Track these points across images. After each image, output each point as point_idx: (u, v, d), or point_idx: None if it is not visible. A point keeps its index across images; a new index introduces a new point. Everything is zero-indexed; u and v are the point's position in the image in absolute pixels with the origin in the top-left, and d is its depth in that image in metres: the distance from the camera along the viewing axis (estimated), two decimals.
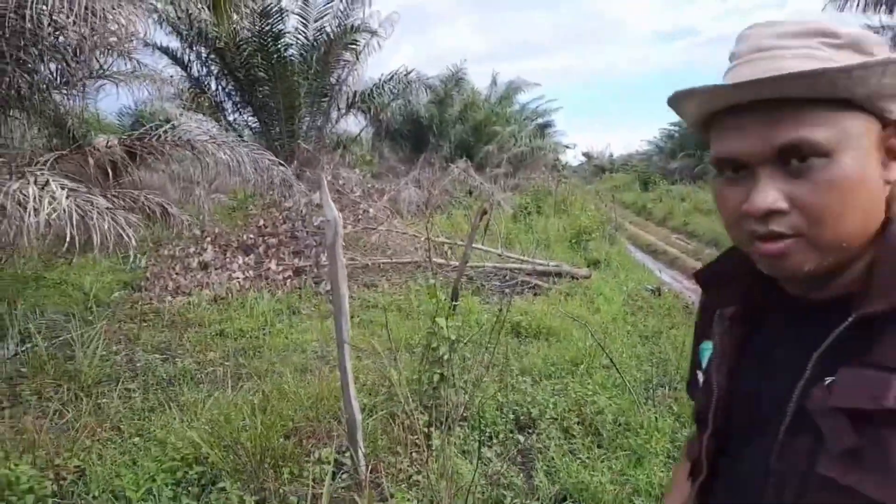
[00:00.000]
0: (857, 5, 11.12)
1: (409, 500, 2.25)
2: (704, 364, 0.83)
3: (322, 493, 2.42)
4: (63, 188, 2.96)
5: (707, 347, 0.84)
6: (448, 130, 18.66)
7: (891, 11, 10.89)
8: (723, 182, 0.72)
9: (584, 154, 59.03)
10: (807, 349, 0.68)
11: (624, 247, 14.50)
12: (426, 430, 3.28)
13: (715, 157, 0.72)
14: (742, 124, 0.68)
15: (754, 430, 0.73)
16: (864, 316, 0.65)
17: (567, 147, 36.03)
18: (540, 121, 28.89)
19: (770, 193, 0.66)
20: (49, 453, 3.41)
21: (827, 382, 0.65)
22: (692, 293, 9.71)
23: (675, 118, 36.07)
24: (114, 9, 3.91)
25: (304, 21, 11.06)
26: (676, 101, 0.74)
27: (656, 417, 3.77)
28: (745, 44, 0.71)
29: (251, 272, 8.49)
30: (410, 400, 3.36)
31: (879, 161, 0.68)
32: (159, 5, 5.61)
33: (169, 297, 7.66)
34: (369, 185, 11.31)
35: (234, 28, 9.77)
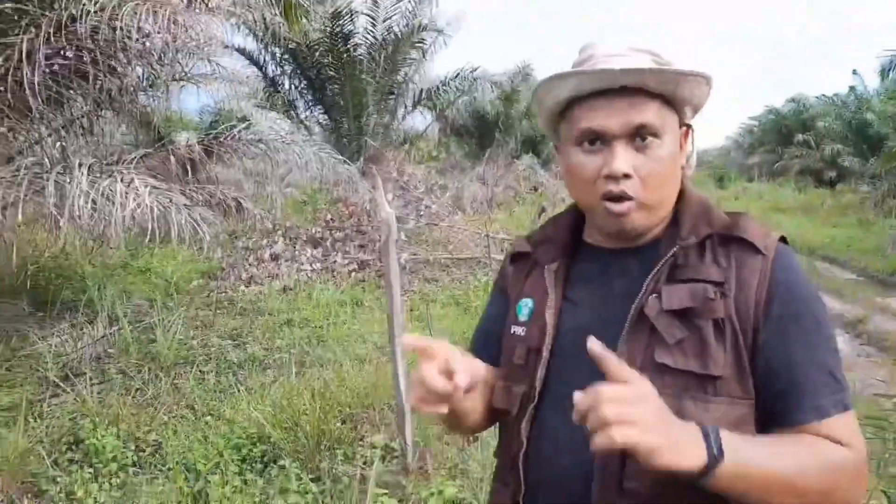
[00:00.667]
0: None
1: (451, 485, 2.38)
2: (525, 316, 1.01)
3: (370, 475, 2.58)
4: (146, 185, 3.26)
5: (526, 303, 1.02)
6: (514, 126, 18.63)
7: None
8: (582, 152, 0.92)
9: None
10: (632, 281, 0.91)
11: None
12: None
13: (580, 130, 0.91)
14: (608, 105, 0.89)
15: (587, 354, 0.84)
16: (683, 247, 0.90)
17: None
18: None
19: (624, 160, 0.88)
20: (130, 427, 3.74)
21: (655, 296, 0.88)
22: None
23: (756, 112, 34.39)
24: (193, 17, 4.20)
25: (373, 21, 11.34)
26: (552, 81, 0.92)
27: None
28: (601, 49, 0.93)
29: (318, 264, 8.84)
30: None
31: (679, 149, 0.94)
32: (237, 10, 5.95)
33: (242, 287, 8.10)
34: (433, 182, 11.51)
35: (306, 29, 10.15)
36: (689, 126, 0.97)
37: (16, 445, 3.41)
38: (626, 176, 0.88)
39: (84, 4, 3.23)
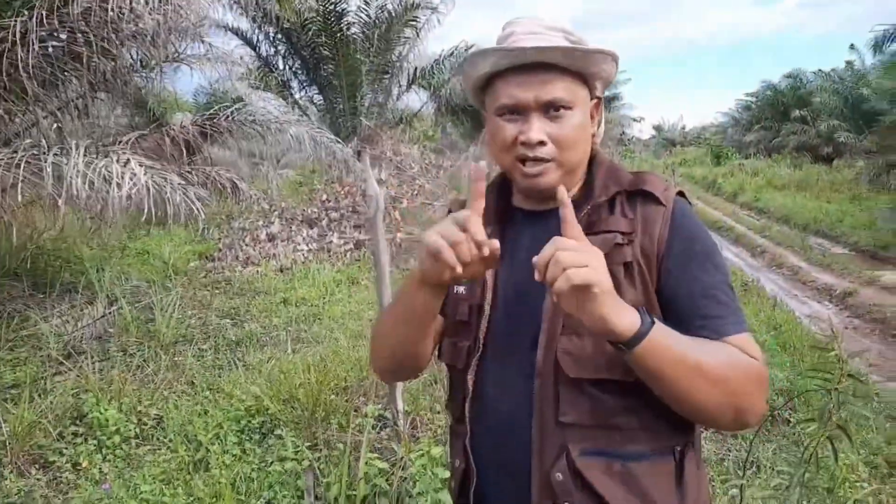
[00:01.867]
0: None
1: (437, 447, 2.49)
2: None
3: (363, 441, 2.70)
4: (141, 165, 3.33)
5: None
6: None
7: None
8: (502, 121, 1.03)
9: (655, 127, 57.18)
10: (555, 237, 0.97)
11: None
12: None
13: (499, 104, 1.02)
14: (523, 81, 1.00)
15: (523, 304, 1.03)
16: (594, 205, 1.03)
17: (634, 120, 35.08)
18: (606, 93, 28.23)
19: (538, 130, 0.99)
20: (132, 401, 3.86)
21: None
22: (753, 270, 9.50)
23: (752, 88, 34.19)
24: None
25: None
26: (476, 58, 1.04)
27: None
28: (520, 27, 1.04)
29: (314, 244, 8.94)
30: None
31: (589, 119, 1.07)
32: None
33: (239, 267, 8.20)
34: (429, 161, 11.55)
35: (300, 9, 10.12)
36: (599, 98, 1.09)
37: (22, 419, 3.53)
38: (541, 143, 1.00)
39: None
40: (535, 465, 0.98)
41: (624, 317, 0.85)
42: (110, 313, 5.57)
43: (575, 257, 0.82)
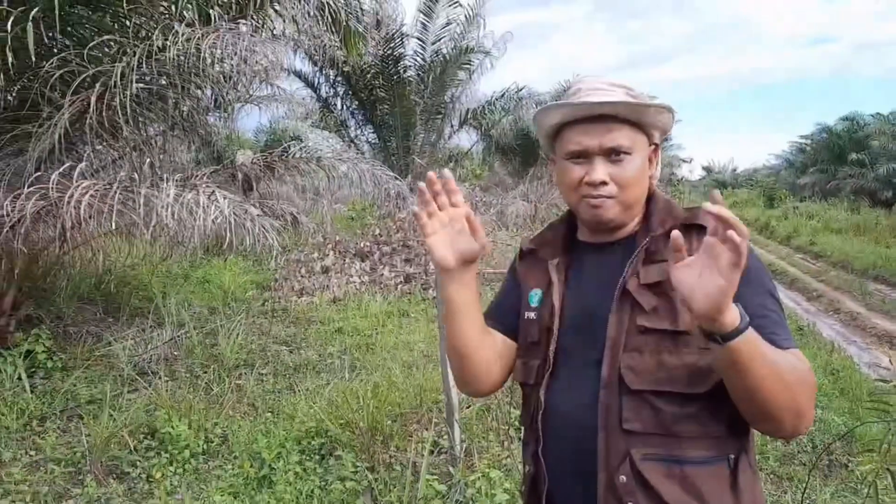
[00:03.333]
0: None
1: (495, 471, 2.59)
2: (536, 303, 1.27)
3: (422, 463, 2.82)
4: (225, 198, 3.61)
5: (535, 293, 1.26)
6: None
7: None
8: (570, 164, 1.19)
9: (704, 168, 56.41)
10: (616, 267, 1.17)
11: None
12: (516, 423, 3.60)
13: (569, 150, 1.19)
14: (590, 130, 1.16)
15: (588, 326, 1.17)
16: (654, 237, 1.16)
17: (684, 161, 34.75)
18: None
19: (602, 172, 1.15)
20: (200, 419, 4.08)
21: (635, 275, 1.14)
22: (810, 315, 9.27)
23: (807, 131, 33.52)
24: (264, 44, 4.59)
25: (423, 44, 11.77)
26: (546, 111, 1.21)
27: None
28: (586, 84, 1.22)
29: (366, 277, 9.18)
30: (504, 395, 3.70)
31: (647, 162, 1.21)
32: (297, 36, 6.38)
33: (294, 297, 8.48)
34: (477, 199, 11.77)
35: (360, 53, 10.63)
36: (657, 145, 1.24)
37: (100, 433, 3.78)
38: (604, 183, 1.16)
39: (174, 36, 3.63)
40: (601, 469, 1.10)
41: (731, 314, 0.94)
42: (178, 337, 5.87)
43: (744, 228, 0.92)
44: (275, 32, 5.23)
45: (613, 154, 1.15)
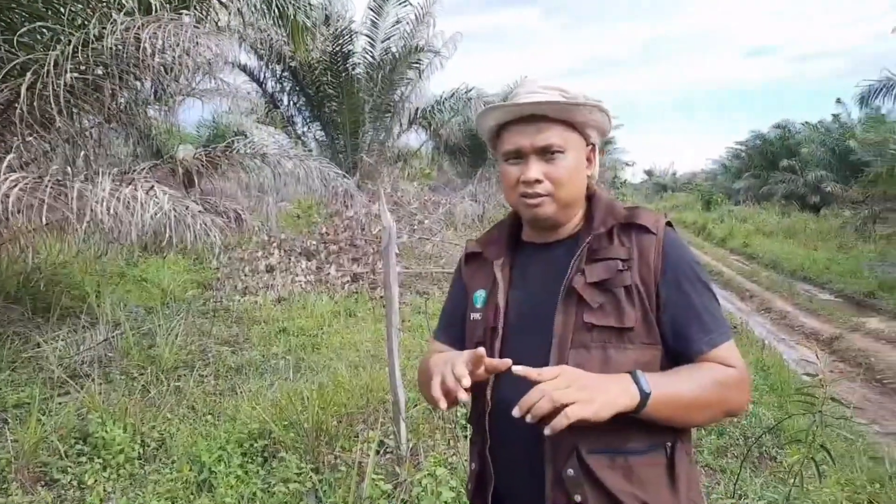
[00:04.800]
0: None
1: (442, 469, 2.60)
2: (480, 304, 1.30)
3: (367, 463, 2.80)
4: (165, 193, 3.49)
5: (480, 294, 1.29)
6: None
7: None
8: (508, 165, 1.24)
9: (646, 172, 58.09)
10: (560, 266, 1.21)
11: None
12: (462, 421, 3.62)
13: (505, 150, 1.24)
14: (522, 131, 1.21)
15: (534, 325, 1.18)
16: (596, 235, 1.20)
17: (627, 164, 35.72)
18: None
19: (535, 170, 1.19)
20: (136, 423, 3.93)
21: (580, 273, 1.18)
22: (743, 314, 9.67)
23: (743, 137, 34.92)
24: (208, 36, 4.46)
25: (372, 42, 11.68)
26: (486, 113, 1.25)
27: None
28: (523, 88, 1.26)
29: (312, 276, 9.05)
30: None
31: (584, 162, 1.26)
32: (246, 31, 6.22)
33: (238, 297, 8.28)
34: (426, 198, 11.78)
35: (308, 49, 10.47)
36: (594, 145, 1.28)
37: (28, 438, 3.59)
38: (538, 181, 1.20)
39: (112, 25, 3.48)
40: (548, 464, 1.13)
41: (623, 400, 1.03)
42: (112, 337, 5.65)
43: (562, 396, 1.00)
44: (219, 24, 5.09)
45: (546, 153, 1.19)
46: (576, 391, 1.00)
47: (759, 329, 8.44)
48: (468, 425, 1.35)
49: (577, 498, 1.11)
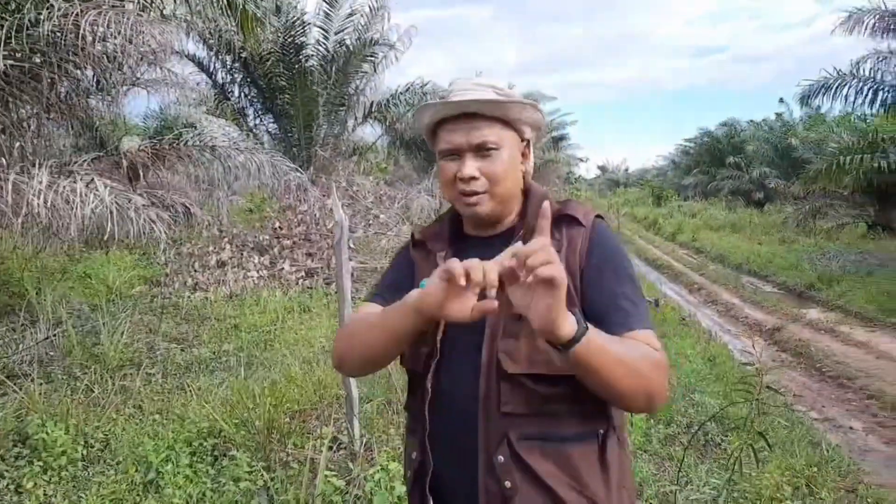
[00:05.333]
0: (865, 30, 11.34)
1: (395, 463, 2.59)
2: None
3: (320, 460, 2.77)
4: (106, 186, 3.36)
5: (424, 283, 1.24)
6: None
7: None
8: (444, 162, 1.25)
9: (600, 167, 59.12)
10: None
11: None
12: None
13: (441, 147, 1.25)
14: (458, 128, 1.22)
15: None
16: (529, 228, 1.19)
17: (581, 160, 36.24)
18: (554, 134, 29.24)
19: (471, 167, 1.21)
20: (79, 423, 3.79)
21: None
22: (691, 306, 9.96)
23: (691, 134, 35.86)
24: (151, 24, 4.32)
25: (325, 34, 11.52)
26: (421, 110, 1.26)
27: (632, 415, 4.08)
28: (457, 85, 1.26)
29: (265, 272, 8.89)
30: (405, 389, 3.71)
31: (520, 157, 1.27)
32: (190, 18, 6.04)
33: (187, 293, 8.08)
34: (382, 192, 11.71)
35: (259, 39, 10.25)
36: (528, 141, 1.29)
37: None
38: (474, 178, 1.21)
39: (48, 10, 3.33)
40: (480, 451, 1.16)
41: (567, 321, 1.00)
42: (54, 336, 5.43)
43: (547, 255, 0.96)
44: (165, 13, 4.93)
45: (482, 150, 1.21)
46: (558, 262, 0.97)
47: (706, 321, 8.71)
48: (406, 420, 1.35)
49: (508, 484, 1.13)
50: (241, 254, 9.28)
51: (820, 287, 10.20)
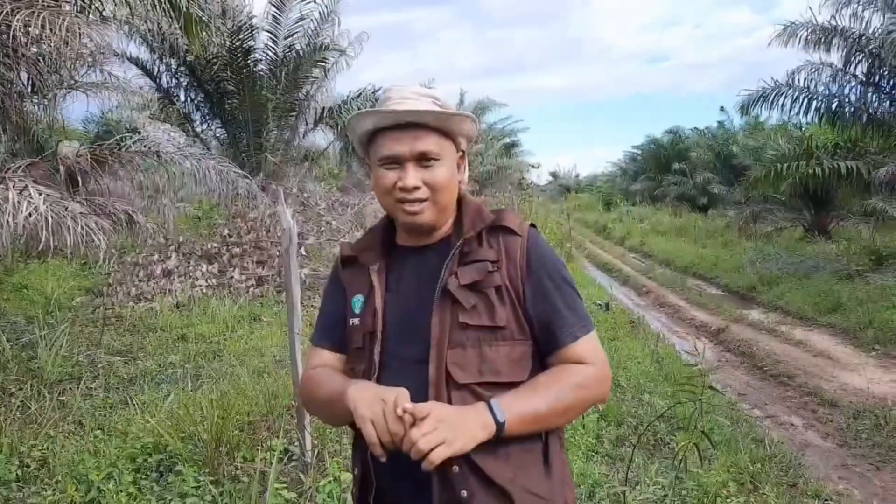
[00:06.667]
0: (799, 42, 11.85)
1: (347, 473, 2.55)
2: (358, 309, 1.30)
3: (270, 472, 2.71)
4: (41, 194, 3.21)
5: (358, 299, 1.30)
6: None
7: (828, 50, 11.64)
8: (384, 169, 1.24)
9: (551, 174, 59.98)
10: (434, 269, 1.24)
11: (580, 264, 15.02)
12: None
13: (381, 156, 1.24)
14: (400, 137, 1.22)
15: (410, 327, 1.24)
16: (466, 239, 1.24)
17: (532, 166, 36.69)
18: (507, 140, 29.55)
19: (414, 177, 1.21)
20: (13, 442, 3.61)
21: (453, 276, 1.21)
22: (640, 308, 10.19)
23: (639, 141, 36.70)
24: (88, 25, 4.17)
25: (274, 38, 11.35)
26: (361, 116, 1.25)
27: (583, 416, 4.14)
28: (396, 93, 1.26)
29: (214, 280, 8.67)
30: None
31: (455, 168, 1.29)
32: (133, 21, 5.86)
33: (131, 303, 7.81)
34: (335, 199, 11.59)
35: (206, 43, 10.02)
36: (463, 152, 1.32)
37: None
38: (416, 188, 1.22)
39: None
40: None
41: (481, 433, 1.09)
42: None
43: (430, 440, 1.05)
44: (104, 14, 4.77)
45: (423, 160, 1.22)
46: (442, 432, 1.06)
47: (655, 323, 8.92)
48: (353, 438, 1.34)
49: (464, 493, 1.14)
50: (189, 262, 9.03)
51: (761, 289, 10.57)
